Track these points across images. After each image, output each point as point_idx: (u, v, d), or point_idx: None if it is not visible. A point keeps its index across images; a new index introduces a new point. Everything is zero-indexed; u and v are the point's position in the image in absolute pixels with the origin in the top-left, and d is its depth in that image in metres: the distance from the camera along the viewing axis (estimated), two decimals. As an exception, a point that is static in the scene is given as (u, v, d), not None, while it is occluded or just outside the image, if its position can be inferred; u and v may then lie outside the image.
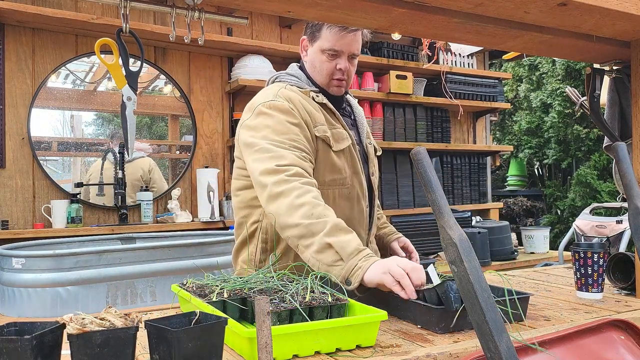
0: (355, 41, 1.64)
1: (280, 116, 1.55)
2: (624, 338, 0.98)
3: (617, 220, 3.17)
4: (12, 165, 2.96)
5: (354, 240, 1.34)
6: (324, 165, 1.60)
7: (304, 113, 1.58)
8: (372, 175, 1.75)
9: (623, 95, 1.78)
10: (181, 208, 3.36)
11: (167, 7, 1.57)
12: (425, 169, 0.89)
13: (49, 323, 0.89)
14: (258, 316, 0.87)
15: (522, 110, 6.98)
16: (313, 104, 1.63)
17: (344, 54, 1.64)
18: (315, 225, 1.35)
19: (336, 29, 1.61)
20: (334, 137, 1.62)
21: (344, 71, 1.65)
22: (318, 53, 1.66)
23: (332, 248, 1.32)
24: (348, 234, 1.35)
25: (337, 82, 1.67)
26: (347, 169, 1.64)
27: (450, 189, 4.30)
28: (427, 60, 4.15)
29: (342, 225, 1.37)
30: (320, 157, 1.59)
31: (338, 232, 1.35)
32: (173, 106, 3.49)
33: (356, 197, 1.66)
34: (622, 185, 1.31)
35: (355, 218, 1.67)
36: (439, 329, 1.20)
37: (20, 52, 2.99)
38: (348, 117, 1.77)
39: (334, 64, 1.64)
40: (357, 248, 1.32)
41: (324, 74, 1.66)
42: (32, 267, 2.10)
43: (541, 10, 1.37)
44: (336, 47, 1.63)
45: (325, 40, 1.63)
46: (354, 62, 1.69)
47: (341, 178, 1.62)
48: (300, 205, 1.38)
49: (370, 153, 1.77)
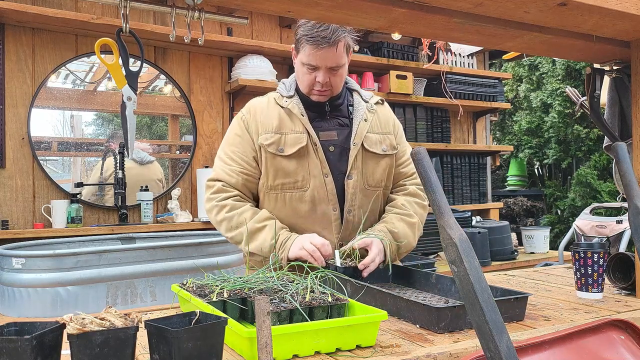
0: (331, 56, 1.66)
1: (234, 128, 1.80)
2: (624, 338, 0.98)
3: (617, 220, 3.17)
4: (12, 165, 2.96)
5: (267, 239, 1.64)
6: (272, 170, 1.70)
7: (253, 123, 1.74)
8: (347, 177, 1.71)
9: (623, 95, 1.78)
10: (181, 208, 3.36)
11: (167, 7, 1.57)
12: (425, 169, 0.89)
13: (49, 323, 0.89)
14: (258, 316, 0.87)
15: (522, 110, 6.98)
16: (273, 112, 1.75)
17: (321, 68, 1.68)
18: (236, 237, 1.68)
19: (311, 45, 1.64)
20: (286, 142, 1.70)
21: (323, 84, 1.70)
22: (300, 65, 1.72)
23: (254, 254, 1.67)
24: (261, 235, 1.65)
25: (317, 92, 1.73)
26: (301, 172, 1.69)
27: (450, 189, 4.30)
28: (427, 60, 4.15)
29: (254, 228, 1.65)
30: (267, 163, 1.71)
31: (253, 238, 1.65)
32: (173, 106, 3.49)
33: (314, 201, 1.69)
34: (622, 185, 1.31)
35: (317, 221, 1.70)
36: (438, 329, 1.20)
37: (20, 52, 2.99)
38: (345, 117, 1.78)
39: (313, 76, 1.70)
40: (271, 244, 1.62)
41: (304, 85, 1.74)
42: (32, 267, 2.10)
43: (541, 10, 1.37)
44: (312, 62, 1.67)
45: (304, 54, 1.68)
46: (337, 73, 1.71)
47: (292, 181, 1.70)
48: (221, 222, 1.70)
49: (351, 154, 1.71)
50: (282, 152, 1.68)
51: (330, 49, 1.64)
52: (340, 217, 1.71)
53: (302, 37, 1.66)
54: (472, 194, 4.42)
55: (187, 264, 2.37)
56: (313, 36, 1.63)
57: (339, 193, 1.70)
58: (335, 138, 1.74)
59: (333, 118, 1.77)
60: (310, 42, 1.64)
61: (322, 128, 1.73)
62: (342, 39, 1.66)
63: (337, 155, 1.72)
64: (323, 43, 1.62)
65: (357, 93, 1.86)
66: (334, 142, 1.73)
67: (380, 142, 1.78)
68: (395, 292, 1.50)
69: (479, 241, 3.48)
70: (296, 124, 1.71)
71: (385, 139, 1.80)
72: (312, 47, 1.64)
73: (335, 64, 1.68)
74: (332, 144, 1.72)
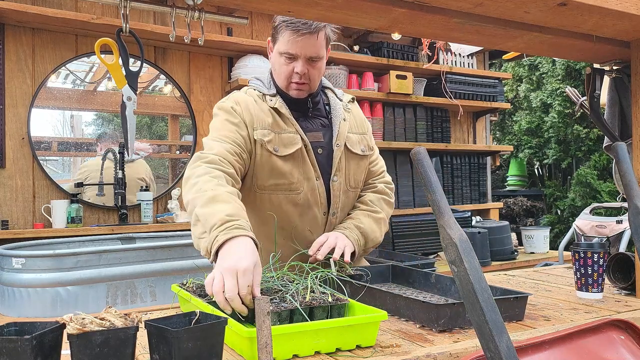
0: (311, 45, 1.59)
1: (223, 116, 1.62)
2: (624, 338, 0.98)
3: (617, 220, 3.17)
4: (12, 165, 2.96)
5: (224, 212, 1.30)
6: (265, 169, 1.60)
7: (246, 114, 1.61)
8: (332, 179, 1.67)
9: (623, 95, 1.78)
10: (181, 208, 3.36)
11: (167, 7, 1.57)
12: (425, 169, 0.89)
13: (49, 323, 0.89)
14: (258, 316, 0.87)
15: (522, 110, 6.98)
16: (264, 108, 1.65)
17: (300, 57, 1.60)
18: (196, 199, 1.37)
19: (289, 32, 1.58)
20: (280, 142, 1.61)
21: (301, 75, 1.62)
22: (277, 56, 1.64)
23: (199, 221, 1.33)
24: (220, 205, 1.32)
25: (295, 86, 1.65)
26: (296, 174, 1.62)
27: (450, 189, 4.30)
28: (427, 60, 4.15)
29: (221, 197, 1.35)
30: (260, 161, 1.60)
31: (211, 203, 1.33)
32: (173, 106, 3.49)
33: (307, 204, 1.64)
34: (622, 185, 1.31)
35: (306, 225, 1.66)
36: (437, 326, 1.20)
37: (20, 52, 2.98)
38: (324, 117, 1.74)
39: (291, 67, 1.62)
40: (223, 219, 1.28)
41: (282, 77, 1.65)
42: (32, 267, 2.10)
43: (541, 10, 1.37)
44: (291, 50, 1.60)
45: (282, 43, 1.60)
46: (317, 65, 1.64)
47: (287, 183, 1.61)
48: (195, 184, 1.41)
49: (335, 155, 1.67)
50: (277, 152, 1.60)
51: (310, 36, 1.58)
52: (325, 220, 1.69)
53: (282, 24, 1.59)
54: (472, 194, 4.42)
55: (187, 264, 2.37)
56: (293, 22, 1.57)
57: (327, 196, 1.67)
58: (322, 139, 1.68)
59: (315, 118, 1.71)
60: (290, 28, 1.57)
61: (309, 129, 1.68)
62: (323, 28, 1.61)
63: (324, 157, 1.67)
64: (304, 29, 1.56)
65: (330, 91, 1.79)
66: (321, 144, 1.68)
67: (359, 142, 1.75)
68: (395, 291, 1.50)
69: (479, 241, 3.48)
70: (287, 124, 1.64)
71: (363, 139, 1.77)
72: (291, 33, 1.57)
73: (315, 53, 1.61)
74: (319, 145, 1.67)
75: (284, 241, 1.64)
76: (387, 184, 1.84)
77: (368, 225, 1.70)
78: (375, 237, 1.71)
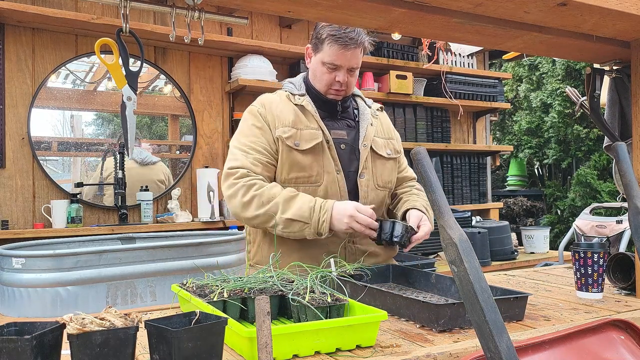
0: (354, 57, 1.73)
1: (250, 120, 1.77)
2: (624, 338, 0.98)
3: (617, 220, 3.17)
4: (12, 165, 2.96)
5: (305, 202, 1.60)
6: (286, 163, 1.72)
7: (269, 115, 1.75)
8: (360, 176, 1.77)
9: (623, 95, 1.78)
10: (181, 208, 3.36)
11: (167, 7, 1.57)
12: (425, 169, 0.89)
13: (49, 323, 0.89)
14: (258, 316, 0.87)
15: (522, 110, 6.98)
16: (289, 107, 1.77)
17: (343, 67, 1.74)
18: (270, 209, 1.62)
19: (337, 47, 1.70)
20: (302, 137, 1.72)
21: (342, 83, 1.76)
22: (319, 64, 1.77)
23: (293, 221, 1.60)
24: (297, 200, 1.61)
25: (334, 92, 1.78)
26: (316, 167, 1.72)
27: (450, 189, 4.30)
28: (427, 60, 4.15)
29: (289, 196, 1.61)
30: (283, 156, 1.72)
31: (289, 204, 1.60)
32: (173, 106, 3.49)
33: (329, 196, 1.72)
34: (622, 185, 1.31)
35: None
36: (437, 326, 1.20)
37: (20, 52, 2.99)
38: (351, 119, 1.86)
39: (333, 75, 1.75)
40: (310, 207, 1.59)
41: (323, 84, 1.78)
42: (32, 267, 2.10)
43: (541, 10, 1.37)
44: (336, 62, 1.73)
45: (326, 54, 1.73)
46: (354, 74, 1.78)
47: (306, 175, 1.72)
48: (250, 201, 1.64)
49: (362, 154, 1.78)
50: (297, 147, 1.71)
51: (355, 50, 1.72)
52: None
53: (329, 37, 1.70)
54: (472, 194, 4.42)
55: (187, 264, 2.36)
56: (341, 36, 1.69)
57: (350, 191, 1.76)
58: (346, 137, 1.80)
59: (342, 119, 1.83)
60: (338, 42, 1.69)
61: (333, 127, 1.79)
62: (365, 41, 1.74)
63: (347, 153, 1.78)
64: (351, 44, 1.70)
65: (360, 98, 1.93)
66: (345, 141, 1.79)
67: (385, 146, 1.87)
68: (395, 291, 1.50)
69: (479, 241, 3.48)
70: (310, 120, 1.75)
71: (389, 143, 1.90)
72: (339, 47, 1.70)
73: (356, 65, 1.76)
74: (342, 142, 1.79)
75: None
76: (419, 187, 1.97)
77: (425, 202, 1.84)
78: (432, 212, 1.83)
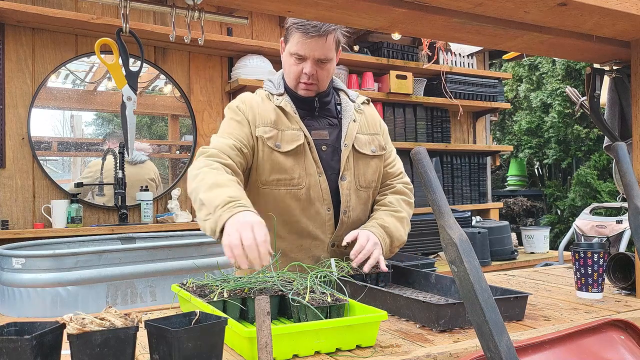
0: (320, 47, 1.64)
1: (228, 115, 1.72)
2: (624, 338, 0.98)
3: (617, 220, 3.17)
4: (12, 165, 2.96)
5: (227, 193, 1.40)
6: (266, 165, 1.65)
7: (249, 112, 1.69)
8: (341, 178, 1.70)
9: (623, 95, 1.78)
10: (181, 208, 3.36)
11: (167, 7, 1.57)
12: (425, 169, 0.89)
13: (49, 323, 0.89)
14: (258, 316, 0.87)
15: (522, 110, 6.98)
16: (269, 107, 1.71)
17: (308, 58, 1.66)
18: (199, 187, 1.47)
19: (299, 34, 1.63)
20: (283, 138, 1.66)
21: (309, 75, 1.67)
22: (287, 56, 1.70)
23: (203, 204, 1.43)
24: (222, 189, 1.42)
25: (304, 86, 1.70)
26: (298, 169, 1.66)
27: (450, 189, 4.30)
28: (427, 60, 4.15)
29: (223, 183, 1.45)
30: (262, 157, 1.66)
31: (214, 189, 1.43)
32: (173, 106, 3.48)
33: (308, 199, 1.67)
34: (622, 185, 1.31)
35: (310, 219, 1.68)
36: (438, 326, 1.20)
37: (20, 52, 2.98)
38: (333, 116, 1.77)
39: (300, 67, 1.68)
40: (225, 199, 1.38)
41: (291, 77, 1.72)
42: (32, 267, 2.10)
43: (541, 10, 1.37)
44: (300, 51, 1.65)
45: (293, 43, 1.66)
46: (326, 67, 1.69)
47: (288, 178, 1.66)
48: (196, 175, 1.51)
49: (343, 155, 1.70)
50: (279, 148, 1.65)
51: (319, 38, 1.63)
52: (333, 218, 1.70)
53: (292, 26, 1.65)
54: (472, 194, 4.42)
55: (187, 264, 2.37)
56: (303, 24, 1.62)
57: (332, 193, 1.70)
58: (327, 137, 1.72)
59: (323, 117, 1.75)
60: (300, 30, 1.63)
61: (314, 127, 1.72)
62: (332, 32, 1.65)
63: (329, 154, 1.71)
64: (313, 32, 1.62)
65: (343, 93, 1.84)
66: (326, 142, 1.72)
67: (370, 142, 1.78)
68: (395, 291, 1.50)
69: (479, 241, 3.48)
70: (291, 121, 1.69)
71: (374, 139, 1.80)
72: (301, 35, 1.63)
73: (323, 56, 1.66)
74: (324, 143, 1.71)
75: (288, 235, 1.68)
76: (405, 184, 1.87)
77: (392, 224, 1.72)
78: (400, 235, 1.74)
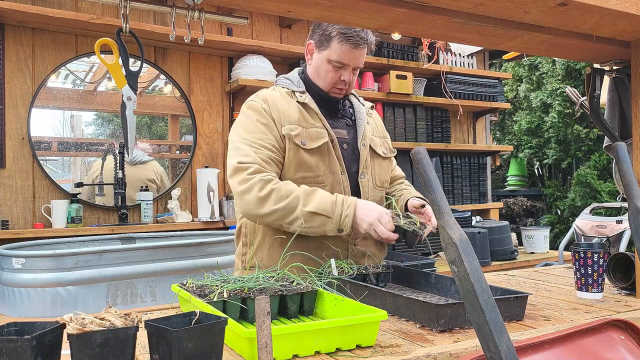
0: (362, 56, 1.71)
1: (254, 116, 1.68)
2: (624, 338, 0.98)
3: (617, 220, 3.17)
4: (12, 165, 2.96)
5: (325, 196, 1.56)
6: (293, 163, 1.66)
7: (275, 112, 1.68)
8: (360, 176, 1.75)
9: (623, 95, 1.78)
10: (181, 208, 3.36)
11: (167, 7, 1.57)
12: (425, 169, 0.89)
13: (49, 323, 0.89)
14: (258, 316, 0.87)
15: (522, 110, 6.98)
16: (293, 104, 1.71)
17: (349, 67, 1.71)
18: (290, 204, 1.55)
19: (348, 46, 1.66)
20: (308, 136, 1.67)
21: (347, 82, 1.73)
22: (324, 62, 1.71)
23: (316, 214, 1.54)
24: (317, 195, 1.56)
25: (338, 90, 1.75)
26: (322, 167, 1.68)
27: (450, 189, 4.30)
28: (427, 60, 4.15)
29: (308, 190, 1.57)
30: (290, 155, 1.66)
31: (310, 198, 1.55)
32: (173, 106, 3.49)
33: None
34: (622, 185, 1.31)
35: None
36: (438, 326, 1.20)
37: (20, 52, 2.99)
38: (348, 117, 1.82)
39: (338, 74, 1.71)
40: (332, 201, 1.55)
41: (327, 82, 1.73)
42: (32, 267, 2.10)
43: (541, 10, 1.37)
44: (344, 60, 1.69)
45: (335, 52, 1.68)
46: (357, 72, 1.76)
47: (313, 176, 1.67)
48: (267, 196, 1.56)
49: (362, 154, 1.76)
50: (304, 146, 1.66)
51: (364, 49, 1.70)
52: None
53: (339, 35, 1.66)
54: (472, 194, 4.42)
55: (187, 264, 2.37)
56: (352, 35, 1.65)
57: (352, 191, 1.74)
58: (347, 137, 1.77)
59: (341, 118, 1.81)
60: (350, 41, 1.66)
61: (334, 126, 1.75)
62: (373, 42, 1.72)
63: (350, 153, 1.75)
64: (362, 43, 1.67)
65: (354, 96, 1.89)
66: (347, 141, 1.76)
67: (381, 144, 1.85)
68: (395, 291, 1.50)
69: (479, 241, 3.48)
70: (314, 119, 1.71)
71: (384, 142, 1.88)
72: (350, 46, 1.66)
73: (361, 64, 1.73)
74: (344, 142, 1.75)
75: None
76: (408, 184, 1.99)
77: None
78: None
